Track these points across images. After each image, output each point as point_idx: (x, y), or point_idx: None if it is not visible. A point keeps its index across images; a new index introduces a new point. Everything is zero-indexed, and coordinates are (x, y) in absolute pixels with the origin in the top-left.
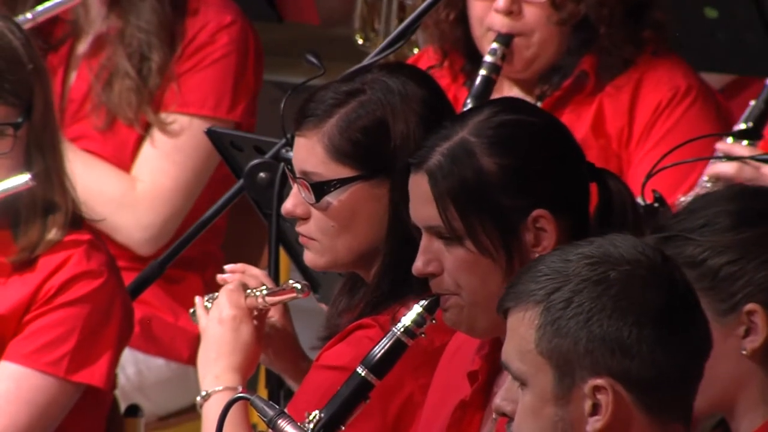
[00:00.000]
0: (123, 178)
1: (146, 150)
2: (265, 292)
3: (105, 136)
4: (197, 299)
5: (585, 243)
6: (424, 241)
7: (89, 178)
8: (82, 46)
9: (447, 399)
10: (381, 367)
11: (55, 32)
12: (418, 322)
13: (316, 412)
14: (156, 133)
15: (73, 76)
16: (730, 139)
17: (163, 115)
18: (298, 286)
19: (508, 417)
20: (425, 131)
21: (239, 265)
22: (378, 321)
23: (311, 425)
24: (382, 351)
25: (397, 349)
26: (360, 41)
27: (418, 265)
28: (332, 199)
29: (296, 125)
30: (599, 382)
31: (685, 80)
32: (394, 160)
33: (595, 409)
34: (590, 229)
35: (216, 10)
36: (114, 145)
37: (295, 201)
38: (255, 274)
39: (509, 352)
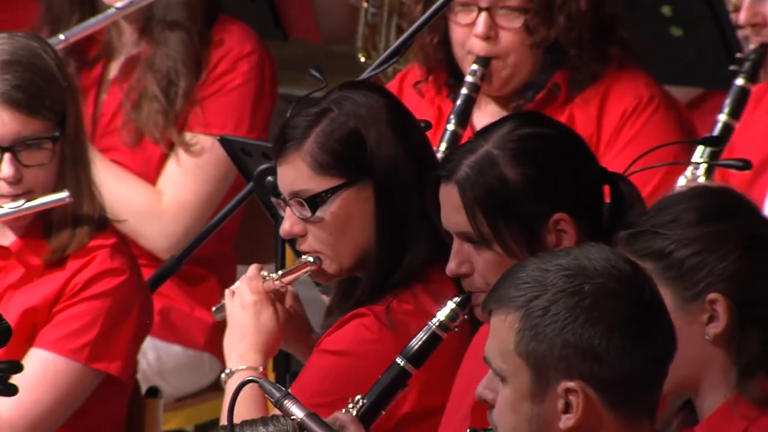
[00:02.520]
0: (149, 190)
1: (171, 166)
2: (280, 273)
3: (133, 151)
4: (227, 292)
5: (562, 253)
6: (456, 245)
7: (118, 188)
8: (115, 66)
9: (471, 388)
10: (418, 357)
11: (90, 51)
12: (452, 317)
13: (359, 397)
14: (180, 152)
15: (105, 93)
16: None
17: (188, 135)
18: (311, 259)
19: (488, 405)
20: (393, 132)
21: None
22: (373, 310)
23: (354, 410)
24: (420, 343)
25: (432, 341)
26: (363, 59)
27: (452, 267)
28: (325, 209)
29: (277, 154)
30: (571, 384)
31: (647, 90)
32: (372, 162)
33: (567, 408)
34: (604, 227)
35: (238, 39)
36: (140, 160)
37: (291, 221)
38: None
39: (491, 350)
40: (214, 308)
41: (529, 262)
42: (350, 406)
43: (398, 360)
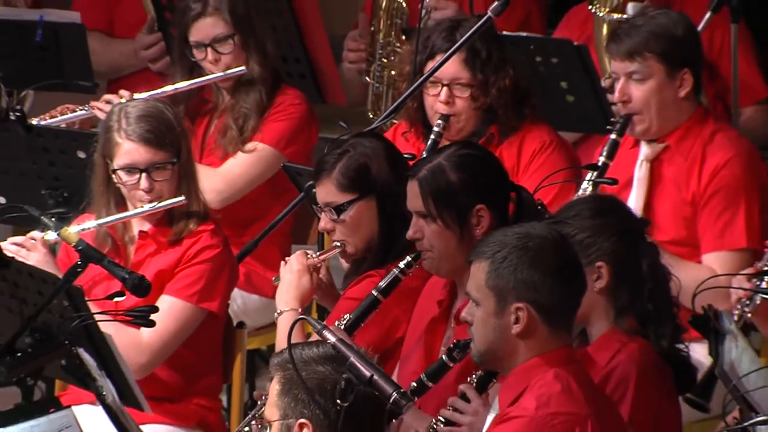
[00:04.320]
0: (215, 169)
1: (232, 158)
2: (318, 253)
3: (222, 163)
4: (282, 262)
5: (517, 226)
6: (414, 220)
7: (204, 171)
8: (217, 113)
9: (423, 317)
10: (385, 290)
11: (202, 107)
12: (408, 265)
13: (347, 316)
14: (239, 152)
15: (211, 129)
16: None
17: (249, 145)
18: (338, 244)
19: (468, 324)
20: (388, 165)
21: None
22: (379, 273)
23: (343, 323)
24: (387, 281)
25: (395, 280)
26: (371, 116)
27: (410, 233)
28: (346, 214)
29: (315, 178)
30: (520, 305)
31: (548, 136)
32: (375, 184)
33: (517, 320)
34: (509, 219)
35: (291, 97)
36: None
37: (325, 221)
38: None
39: (470, 286)
40: (274, 278)
41: (495, 232)
42: (341, 319)
43: (373, 292)
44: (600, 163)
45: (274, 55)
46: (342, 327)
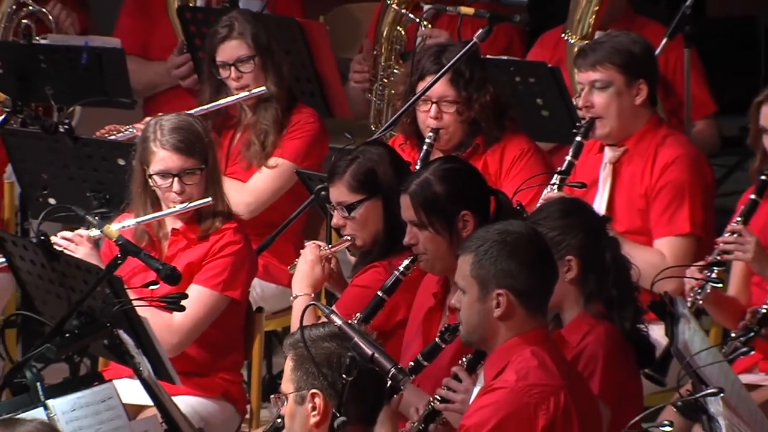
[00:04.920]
0: (243, 184)
1: (257, 172)
2: (329, 245)
3: (246, 173)
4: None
5: (497, 224)
6: (409, 228)
7: (232, 186)
8: (240, 127)
9: (422, 308)
10: (389, 290)
11: (228, 121)
12: (407, 267)
13: (358, 315)
14: (263, 167)
15: (235, 141)
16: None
17: (272, 160)
18: (348, 238)
19: (457, 310)
20: (393, 168)
21: None
22: (382, 264)
23: (356, 320)
24: (389, 283)
25: (396, 281)
26: (373, 128)
27: (406, 240)
28: (356, 212)
29: (329, 181)
30: (500, 291)
31: (527, 145)
32: (381, 186)
33: (498, 305)
34: (490, 219)
35: (306, 115)
36: (248, 176)
37: (337, 218)
38: None
39: (458, 276)
40: (290, 266)
41: (478, 230)
42: (353, 318)
43: (378, 293)
44: (566, 162)
45: (289, 76)
46: (356, 321)
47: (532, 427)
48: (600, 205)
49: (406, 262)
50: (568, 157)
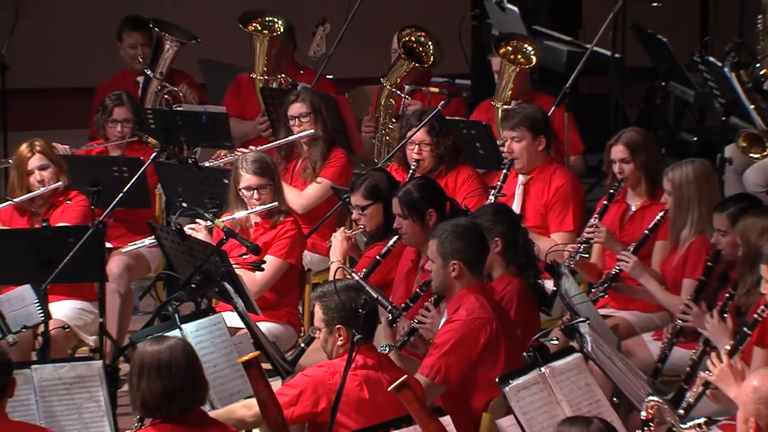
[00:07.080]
0: (300, 191)
1: (310, 186)
2: (351, 230)
3: (303, 185)
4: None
5: (452, 220)
6: (397, 218)
7: (291, 192)
8: (301, 158)
9: (403, 269)
10: (383, 255)
11: (293, 153)
12: (395, 243)
13: (364, 270)
14: (314, 183)
15: (297, 166)
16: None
17: (318, 179)
18: (362, 226)
19: (429, 272)
20: (389, 185)
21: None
22: (383, 242)
23: (361, 274)
24: (384, 251)
25: (388, 250)
26: (377, 160)
27: (395, 225)
28: (367, 211)
29: (351, 192)
30: (455, 262)
31: (472, 171)
32: (382, 195)
33: (453, 270)
34: (447, 216)
35: (339, 152)
36: (304, 188)
37: (355, 215)
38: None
39: (429, 252)
40: (327, 241)
41: (440, 223)
42: (360, 273)
43: (377, 257)
44: (498, 185)
45: (329, 127)
46: (362, 276)
47: (477, 343)
48: (516, 209)
49: (394, 238)
50: (500, 183)
